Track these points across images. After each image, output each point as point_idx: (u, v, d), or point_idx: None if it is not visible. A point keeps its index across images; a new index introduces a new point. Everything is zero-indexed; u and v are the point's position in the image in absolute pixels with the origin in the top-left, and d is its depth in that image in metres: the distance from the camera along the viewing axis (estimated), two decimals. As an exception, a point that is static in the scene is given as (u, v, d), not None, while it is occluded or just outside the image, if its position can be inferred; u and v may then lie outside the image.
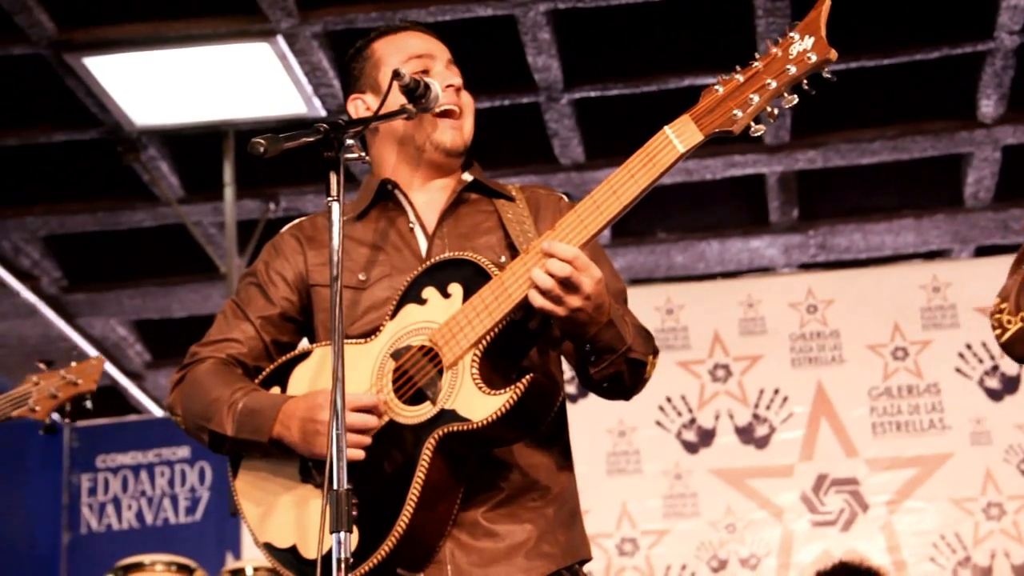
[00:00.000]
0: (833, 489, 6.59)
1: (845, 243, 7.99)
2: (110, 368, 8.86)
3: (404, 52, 3.07)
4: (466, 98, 3.08)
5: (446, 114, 3.01)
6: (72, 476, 7.27)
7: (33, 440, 7.18)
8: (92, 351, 8.67)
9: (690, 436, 6.73)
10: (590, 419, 2.95)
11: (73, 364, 4.14)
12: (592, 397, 2.90)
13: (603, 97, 6.73)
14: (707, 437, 6.72)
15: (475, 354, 2.74)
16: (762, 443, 6.70)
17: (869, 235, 7.92)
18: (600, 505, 6.31)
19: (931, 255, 8.07)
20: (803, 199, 7.71)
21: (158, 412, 9.26)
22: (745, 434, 6.72)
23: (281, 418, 2.83)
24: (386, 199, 3.06)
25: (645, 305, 2.83)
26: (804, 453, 6.66)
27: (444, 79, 3.02)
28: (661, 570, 6.52)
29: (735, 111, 2.68)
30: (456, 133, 3.04)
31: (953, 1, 6.38)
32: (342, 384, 2.57)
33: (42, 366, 4.12)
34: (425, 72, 3.01)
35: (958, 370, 6.72)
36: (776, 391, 6.76)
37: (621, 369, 2.82)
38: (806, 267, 8.05)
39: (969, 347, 6.72)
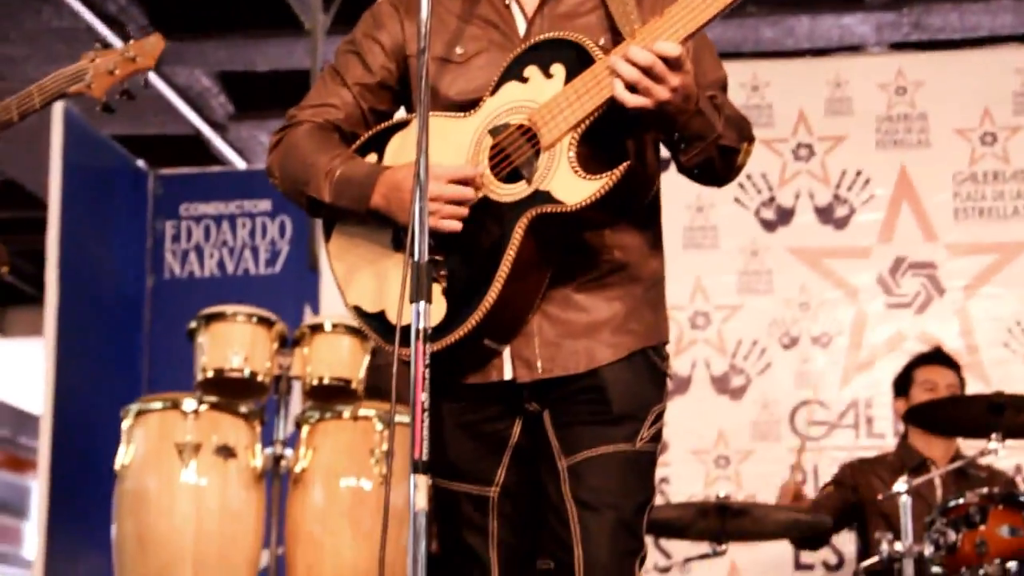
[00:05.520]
0: (910, 272, 6.57)
1: (940, 23, 7.80)
2: (193, 118, 8.93)
3: None
4: None
5: None
6: (156, 222, 7.38)
7: (119, 186, 7.29)
8: (176, 99, 8.73)
9: (768, 214, 6.71)
10: (668, 193, 2.96)
11: (132, 41, 3.94)
12: (671, 171, 2.91)
13: None
14: (786, 216, 6.70)
15: (573, 137, 2.74)
16: (841, 224, 6.66)
17: (965, 15, 7.72)
18: (675, 279, 6.24)
19: (1028, 38, 7.87)
20: (899, -25, 7.53)
21: (240, 164, 9.35)
22: (824, 214, 6.68)
23: (378, 188, 2.85)
24: None
25: (730, 81, 2.82)
26: (883, 235, 6.61)
27: None
28: (732, 344, 6.57)
29: None
30: None
31: None
32: (426, 156, 2.58)
33: (99, 45, 3.93)
34: None
35: (1047, 158, 6.60)
36: (858, 172, 6.68)
37: (711, 155, 2.81)
38: (898, 47, 7.89)
39: (1061, 135, 6.61)
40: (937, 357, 5.68)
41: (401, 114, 3.07)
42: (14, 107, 3.19)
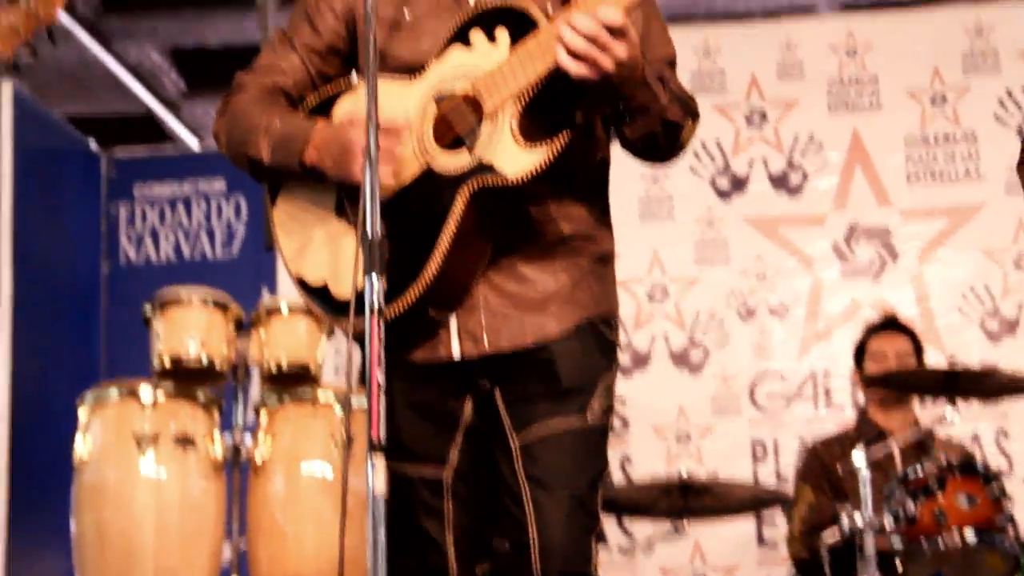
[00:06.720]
0: (864, 238, 6.58)
1: (889, -18, 7.78)
2: (146, 96, 8.85)
3: None
4: None
5: None
6: (110, 206, 7.31)
7: (72, 167, 7.21)
8: (128, 77, 8.65)
9: (723, 183, 6.70)
10: (623, 164, 2.96)
11: None
12: (625, 142, 2.90)
13: None
14: (740, 184, 6.69)
15: (516, 106, 2.71)
16: (795, 191, 6.65)
17: (914, -26, 7.70)
18: (631, 251, 6.31)
19: (977, -4, 7.84)
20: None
21: (194, 143, 9.27)
22: (778, 182, 6.67)
23: (313, 141, 2.83)
24: None
25: (682, 47, 2.79)
26: (837, 202, 6.61)
27: None
28: (690, 316, 6.56)
29: None
30: None
31: None
32: (376, 127, 2.56)
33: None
34: None
35: (997, 117, 6.60)
36: (811, 137, 6.67)
37: (656, 130, 2.80)
38: (847, 8, 7.86)
39: (1009, 94, 6.60)
40: (887, 325, 5.67)
41: (353, 78, 3.05)
42: None
